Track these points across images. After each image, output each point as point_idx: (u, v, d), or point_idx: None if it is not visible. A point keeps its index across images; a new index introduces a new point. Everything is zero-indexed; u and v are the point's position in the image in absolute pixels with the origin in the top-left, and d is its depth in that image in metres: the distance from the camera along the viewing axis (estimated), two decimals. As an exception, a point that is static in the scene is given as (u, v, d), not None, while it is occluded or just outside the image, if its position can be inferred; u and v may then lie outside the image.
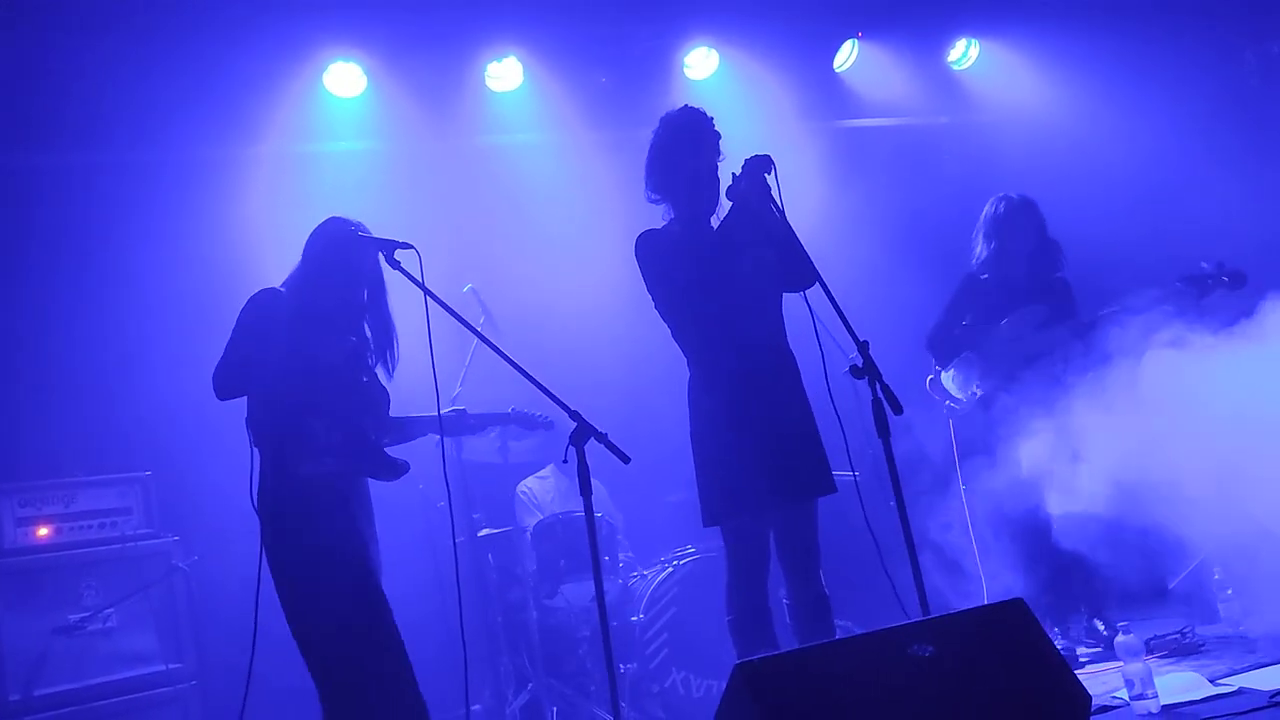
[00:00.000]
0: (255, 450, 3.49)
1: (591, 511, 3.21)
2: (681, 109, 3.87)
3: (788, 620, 3.62)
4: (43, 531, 4.59)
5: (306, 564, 3.36)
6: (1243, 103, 6.52)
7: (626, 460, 3.23)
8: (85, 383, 5.17)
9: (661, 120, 3.85)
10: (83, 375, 5.17)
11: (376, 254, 3.57)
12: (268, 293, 3.56)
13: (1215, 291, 4.57)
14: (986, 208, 5.08)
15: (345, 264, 3.60)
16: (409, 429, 3.83)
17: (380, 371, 3.72)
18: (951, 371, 5.15)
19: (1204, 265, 4.59)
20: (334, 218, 3.67)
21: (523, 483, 5.79)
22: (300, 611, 3.33)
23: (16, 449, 4.87)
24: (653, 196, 3.86)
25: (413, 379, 4.04)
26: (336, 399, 3.50)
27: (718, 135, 3.80)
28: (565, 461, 3.20)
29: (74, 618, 4.46)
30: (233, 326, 3.51)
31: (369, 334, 3.71)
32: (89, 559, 4.60)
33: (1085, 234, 4.92)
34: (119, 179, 5.50)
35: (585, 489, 3.20)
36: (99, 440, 5.03)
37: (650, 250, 3.72)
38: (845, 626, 4.97)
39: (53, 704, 4.30)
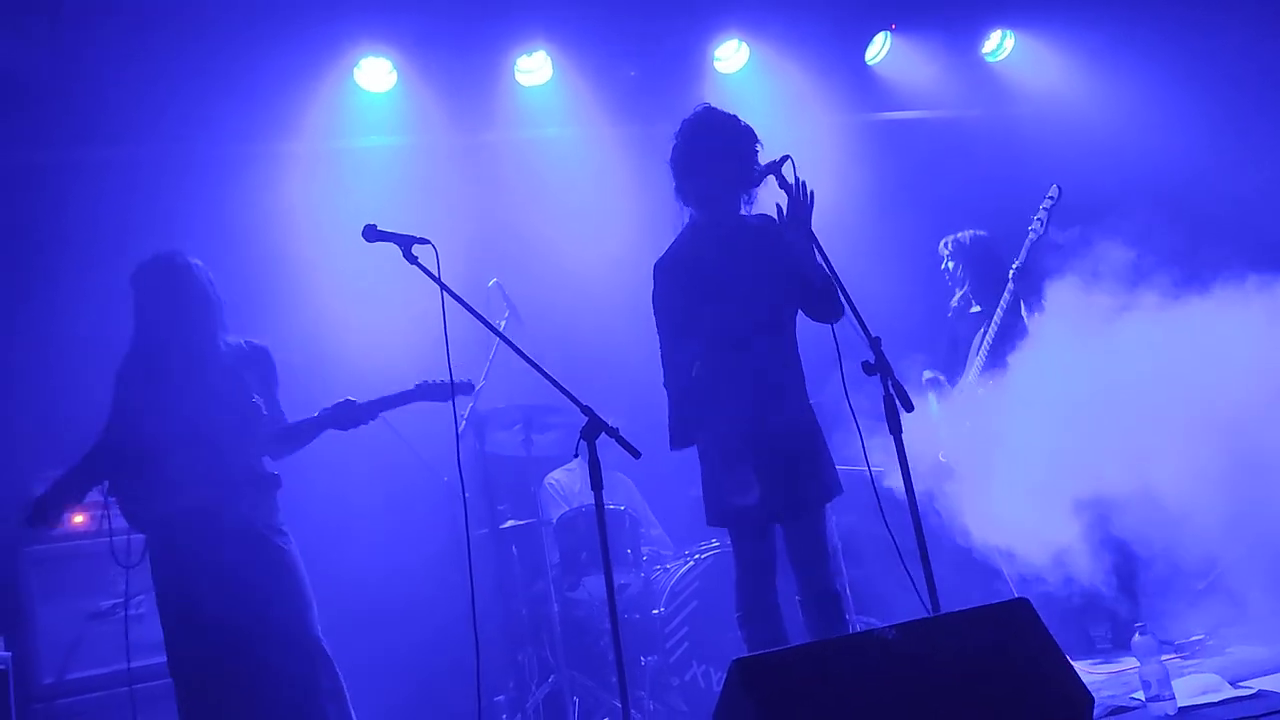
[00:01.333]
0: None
1: (602, 506, 3.21)
2: (702, 110, 3.80)
3: (801, 617, 3.62)
4: (78, 519, 4.68)
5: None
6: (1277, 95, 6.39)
7: (637, 455, 3.23)
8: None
9: (682, 123, 3.79)
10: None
11: (201, 272, 3.82)
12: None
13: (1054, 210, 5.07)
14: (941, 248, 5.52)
15: (167, 297, 3.78)
16: (300, 434, 3.92)
17: (255, 385, 3.88)
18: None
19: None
20: (152, 256, 3.84)
21: (550, 474, 5.83)
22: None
23: (53, 438, 4.98)
24: (678, 198, 3.84)
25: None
26: (190, 438, 3.64)
27: (736, 134, 3.68)
28: (575, 456, 3.22)
29: (107, 604, 4.55)
30: None
31: (226, 353, 3.85)
32: (123, 546, 4.69)
33: (1118, 227, 4.87)
34: (158, 174, 5.59)
35: (596, 483, 3.20)
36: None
37: (657, 284, 3.77)
38: (868, 623, 4.96)
39: (85, 687, 4.41)
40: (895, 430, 3.23)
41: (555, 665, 4.92)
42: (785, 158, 3.52)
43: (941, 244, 5.50)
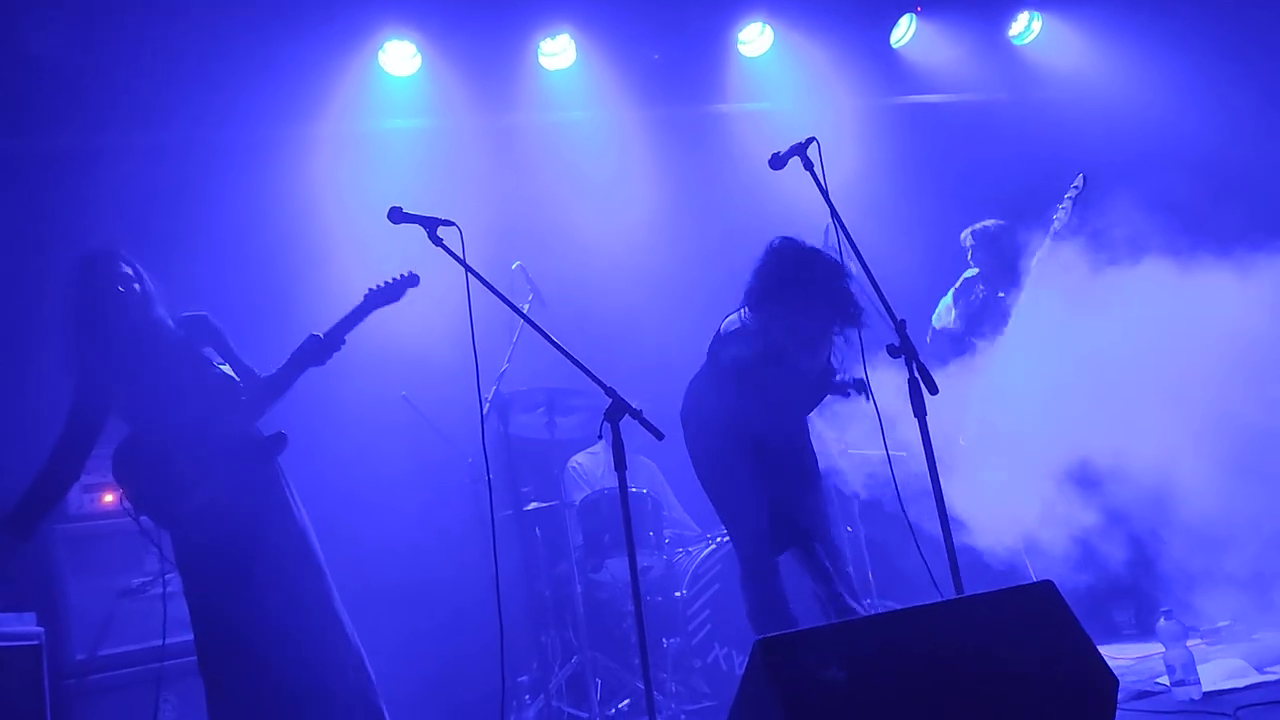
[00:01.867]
0: None
1: (625, 486, 3.23)
2: (781, 245, 3.67)
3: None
4: (108, 498, 4.72)
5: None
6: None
7: (660, 436, 3.25)
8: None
9: (771, 262, 3.68)
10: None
11: (118, 265, 3.75)
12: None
13: (1079, 202, 5.10)
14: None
15: (132, 293, 3.73)
16: (280, 383, 3.87)
17: (211, 353, 3.87)
18: None
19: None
20: (94, 253, 3.78)
21: (574, 458, 5.86)
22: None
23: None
24: (748, 318, 3.72)
25: (458, 355, 4.12)
26: (198, 433, 3.67)
27: (826, 275, 3.57)
28: (600, 438, 3.23)
29: (137, 581, 4.60)
30: None
31: (174, 329, 3.82)
32: (151, 525, 4.74)
33: (1153, 214, 4.86)
34: (183, 158, 5.61)
35: (619, 464, 3.22)
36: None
37: (728, 354, 3.76)
38: (888, 607, 4.95)
39: (116, 664, 4.47)
40: (920, 413, 3.23)
41: (578, 646, 4.94)
42: (810, 140, 3.52)
43: (964, 235, 5.50)
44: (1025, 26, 6.70)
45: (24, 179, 5.44)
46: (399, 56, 5.93)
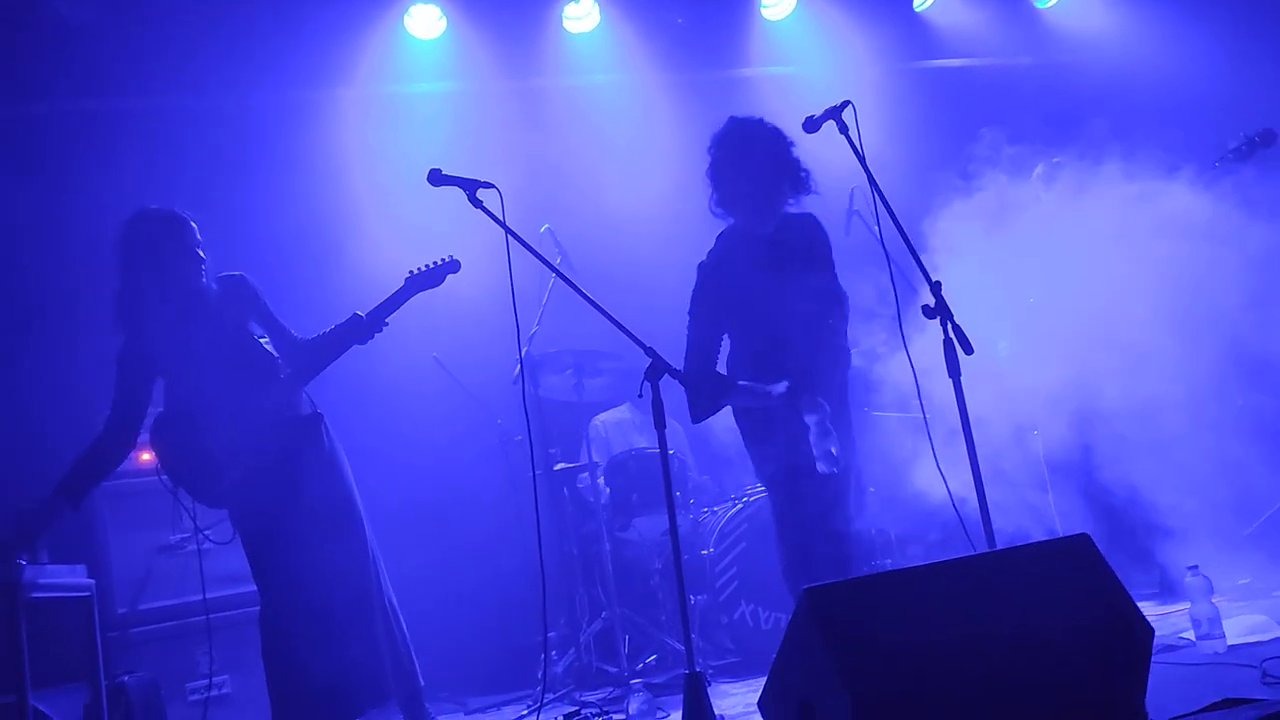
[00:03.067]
0: None
1: (665, 445, 3.29)
2: (727, 123, 3.78)
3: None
4: (146, 456, 4.79)
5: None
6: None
7: (701, 396, 3.32)
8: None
9: (713, 137, 3.78)
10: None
11: (176, 223, 3.70)
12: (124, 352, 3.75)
13: (1254, 155, 4.76)
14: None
15: (154, 260, 3.65)
16: (321, 357, 3.87)
17: (254, 326, 3.85)
18: None
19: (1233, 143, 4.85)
20: (156, 211, 3.73)
21: (597, 418, 5.92)
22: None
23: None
24: (716, 211, 3.85)
25: (488, 317, 4.17)
26: (223, 404, 3.67)
27: (767, 139, 3.69)
28: (640, 396, 3.29)
29: (175, 538, 4.71)
30: None
31: (217, 300, 3.78)
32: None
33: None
34: (214, 122, 5.66)
35: (659, 423, 3.29)
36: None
37: (698, 282, 3.83)
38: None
39: (156, 618, 4.59)
40: (954, 374, 3.27)
41: (606, 603, 5.03)
42: (846, 103, 3.54)
43: (1039, 170, 5.31)
44: (1049, -10, 6.70)
45: (53, 143, 5.48)
46: (424, 20, 5.97)
